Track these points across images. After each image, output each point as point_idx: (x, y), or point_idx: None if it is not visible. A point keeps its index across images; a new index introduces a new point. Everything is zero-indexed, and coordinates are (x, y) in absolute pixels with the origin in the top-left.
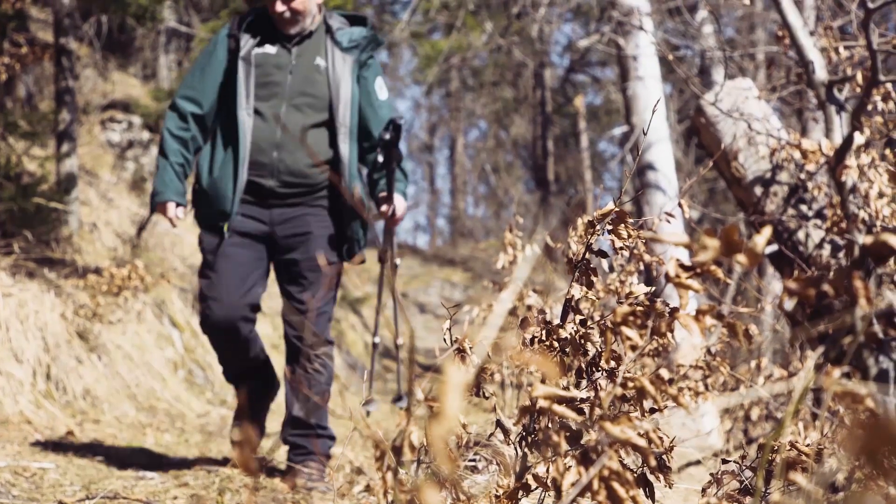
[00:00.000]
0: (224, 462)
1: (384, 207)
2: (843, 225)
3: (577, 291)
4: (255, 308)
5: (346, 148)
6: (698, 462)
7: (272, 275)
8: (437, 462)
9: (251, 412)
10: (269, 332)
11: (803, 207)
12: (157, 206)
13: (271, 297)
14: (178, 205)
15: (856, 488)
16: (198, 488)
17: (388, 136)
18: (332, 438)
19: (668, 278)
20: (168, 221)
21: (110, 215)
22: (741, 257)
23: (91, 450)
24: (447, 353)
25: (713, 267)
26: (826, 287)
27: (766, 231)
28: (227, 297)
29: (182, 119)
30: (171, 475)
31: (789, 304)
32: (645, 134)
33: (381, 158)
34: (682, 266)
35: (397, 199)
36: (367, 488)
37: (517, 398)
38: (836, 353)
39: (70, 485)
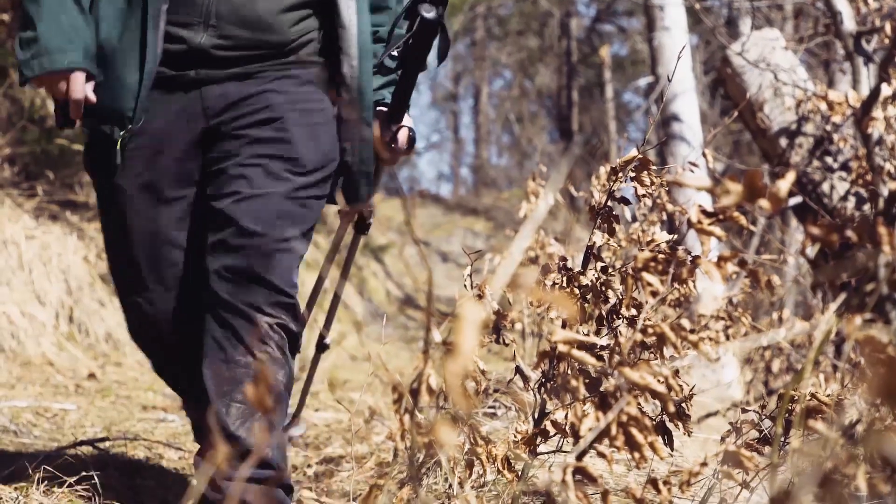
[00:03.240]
0: None
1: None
2: (869, 177)
3: (599, 238)
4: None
5: (351, 9)
6: (718, 413)
7: None
8: (452, 399)
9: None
10: None
11: (828, 159)
12: (48, 74)
13: None
14: (89, 76)
15: (875, 433)
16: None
17: None
18: (290, 489)
19: (690, 224)
20: (71, 106)
21: None
22: (764, 202)
23: (112, 392)
24: (466, 297)
25: (736, 213)
26: (849, 233)
27: (790, 176)
28: (166, 292)
29: None
30: None
31: (811, 251)
32: (669, 80)
33: (397, 48)
34: (704, 212)
35: (407, 122)
36: (389, 437)
37: (537, 347)
38: (858, 301)
39: (91, 426)
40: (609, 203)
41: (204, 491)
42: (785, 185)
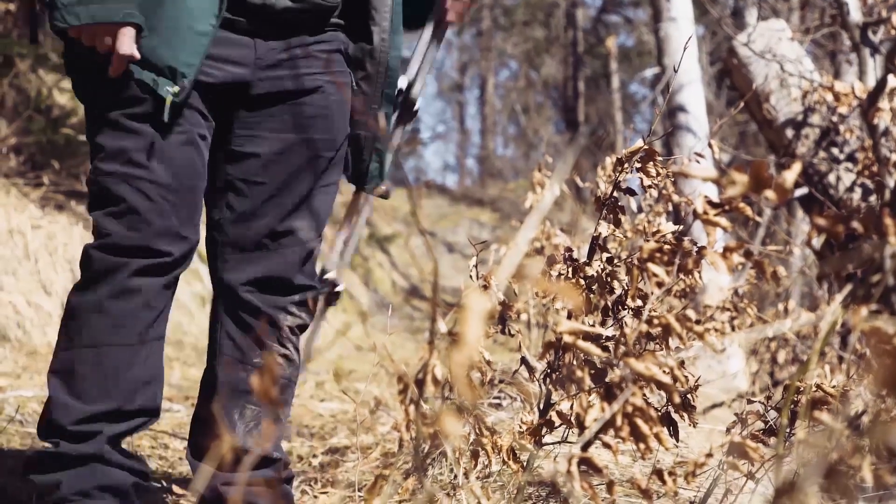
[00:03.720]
0: None
1: None
2: (875, 168)
3: (605, 229)
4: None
5: None
6: (723, 404)
7: None
8: (457, 390)
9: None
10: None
11: (835, 150)
12: (98, 25)
13: None
14: (139, 30)
15: (881, 424)
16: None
17: None
18: (291, 480)
19: (695, 215)
20: (115, 63)
21: None
22: (770, 193)
23: None
24: (471, 288)
25: (742, 204)
26: (855, 224)
27: (796, 167)
28: (168, 220)
29: None
30: None
31: (817, 242)
32: (675, 71)
33: None
34: (710, 203)
35: None
36: (395, 427)
37: (542, 337)
38: (864, 292)
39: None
40: (615, 194)
41: (203, 492)
42: (791, 175)
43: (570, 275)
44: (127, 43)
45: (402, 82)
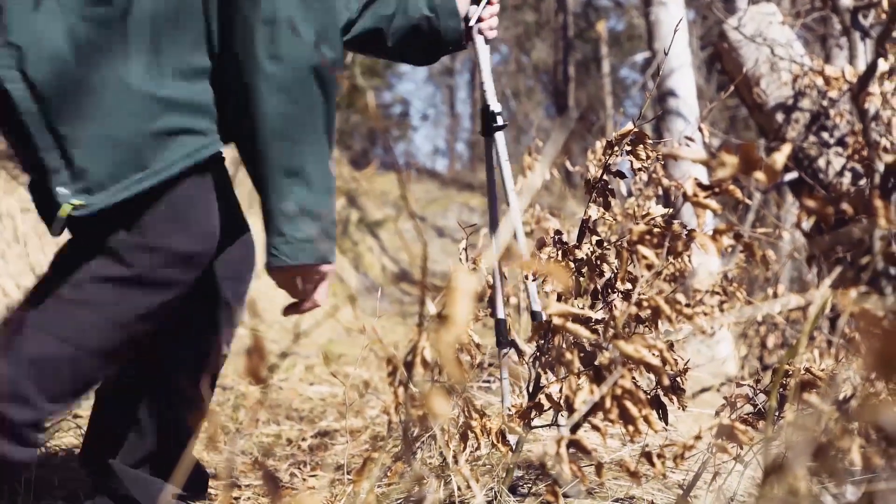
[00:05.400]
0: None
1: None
2: (865, 152)
3: (594, 212)
4: None
5: None
6: (712, 388)
7: None
8: (444, 368)
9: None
10: None
11: (825, 135)
12: (315, 268)
13: None
14: None
15: (869, 405)
16: (212, 405)
17: None
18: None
19: (685, 197)
20: (307, 306)
21: None
22: (759, 174)
23: None
24: (460, 269)
25: (731, 186)
26: (845, 206)
27: (786, 148)
28: None
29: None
30: None
31: (807, 224)
32: (666, 54)
33: None
34: (700, 185)
35: None
36: (384, 411)
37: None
38: (853, 275)
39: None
40: (605, 177)
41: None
42: (780, 157)
43: (559, 257)
44: (328, 287)
45: (497, 107)
